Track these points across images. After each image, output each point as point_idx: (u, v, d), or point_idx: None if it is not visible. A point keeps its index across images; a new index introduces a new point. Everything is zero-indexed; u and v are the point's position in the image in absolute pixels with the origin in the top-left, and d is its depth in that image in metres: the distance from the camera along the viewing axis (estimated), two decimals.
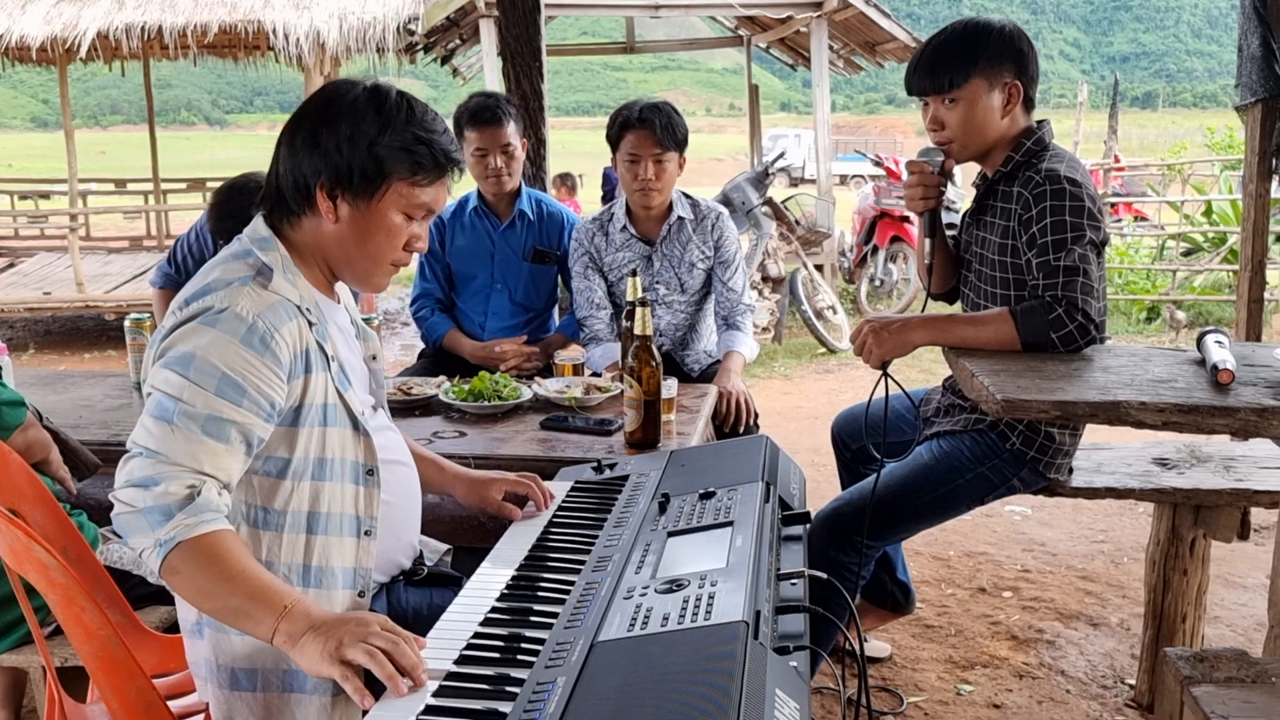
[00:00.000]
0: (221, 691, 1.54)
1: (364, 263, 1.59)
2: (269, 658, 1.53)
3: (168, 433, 1.39)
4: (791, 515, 1.69)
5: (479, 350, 3.16)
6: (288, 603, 1.35)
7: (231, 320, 1.44)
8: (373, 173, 1.52)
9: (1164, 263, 8.81)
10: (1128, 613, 3.14)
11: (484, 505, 1.87)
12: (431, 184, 1.57)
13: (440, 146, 1.56)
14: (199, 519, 1.36)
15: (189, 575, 1.36)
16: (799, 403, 5.89)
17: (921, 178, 2.27)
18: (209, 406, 1.41)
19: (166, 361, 1.43)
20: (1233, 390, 1.67)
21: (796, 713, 1.13)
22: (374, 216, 1.55)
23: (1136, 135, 29.31)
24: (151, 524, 1.36)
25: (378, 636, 1.27)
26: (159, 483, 1.36)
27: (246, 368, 1.43)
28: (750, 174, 7.08)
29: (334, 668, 1.27)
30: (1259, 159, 3.55)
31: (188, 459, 1.39)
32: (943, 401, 2.45)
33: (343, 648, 1.27)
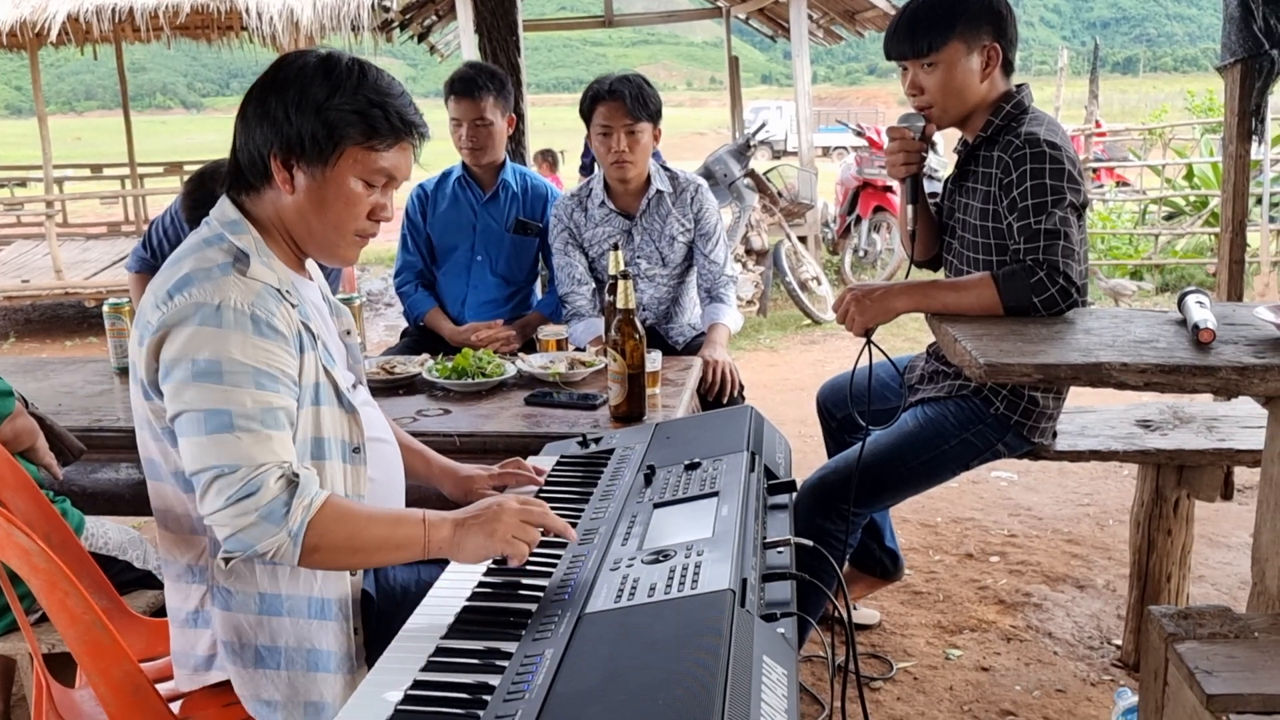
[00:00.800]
0: (246, 670, 1.54)
1: (326, 233, 1.56)
2: (290, 636, 1.54)
3: (234, 442, 1.39)
4: (777, 484, 1.69)
5: (458, 335, 3.15)
6: (420, 516, 1.46)
7: (233, 315, 1.43)
8: (323, 138, 1.49)
9: (1146, 227, 8.84)
10: (1113, 574, 3.16)
11: (470, 500, 1.83)
12: (390, 149, 1.53)
13: (395, 109, 1.52)
14: (310, 497, 1.41)
15: (331, 543, 1.42)
16: (784, 374, 5.90)
17: (903, 144, 2.26)
18: (258, 401, 1.41)
19: (192, 375, 1.41)
20: (1214, 349, 1.67)
21: (784, 679, 1.13)
22: (331, 184, 1.52)
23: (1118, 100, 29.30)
24: (275, 522, 1.38)
25: (528, 514, 1.43)
26: (259, 487, 1.38)
27: (269, 357, 1.44)
28: (732, 146, 7.05)
29: (506, 547, 1.41)
30: (1238, 120, 3.56)
31: (266, 455, 1.40)
32: (927, 368, 2.46)
33: (511, 529, 1.42)
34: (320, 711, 1.54)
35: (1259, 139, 3.61)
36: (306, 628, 1.54)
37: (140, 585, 2.09)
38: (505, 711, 1.09)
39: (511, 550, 1.41)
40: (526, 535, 1.42)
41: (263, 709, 1.54)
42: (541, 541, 1.56)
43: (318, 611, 1.54)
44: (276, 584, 1.53)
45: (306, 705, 1.54)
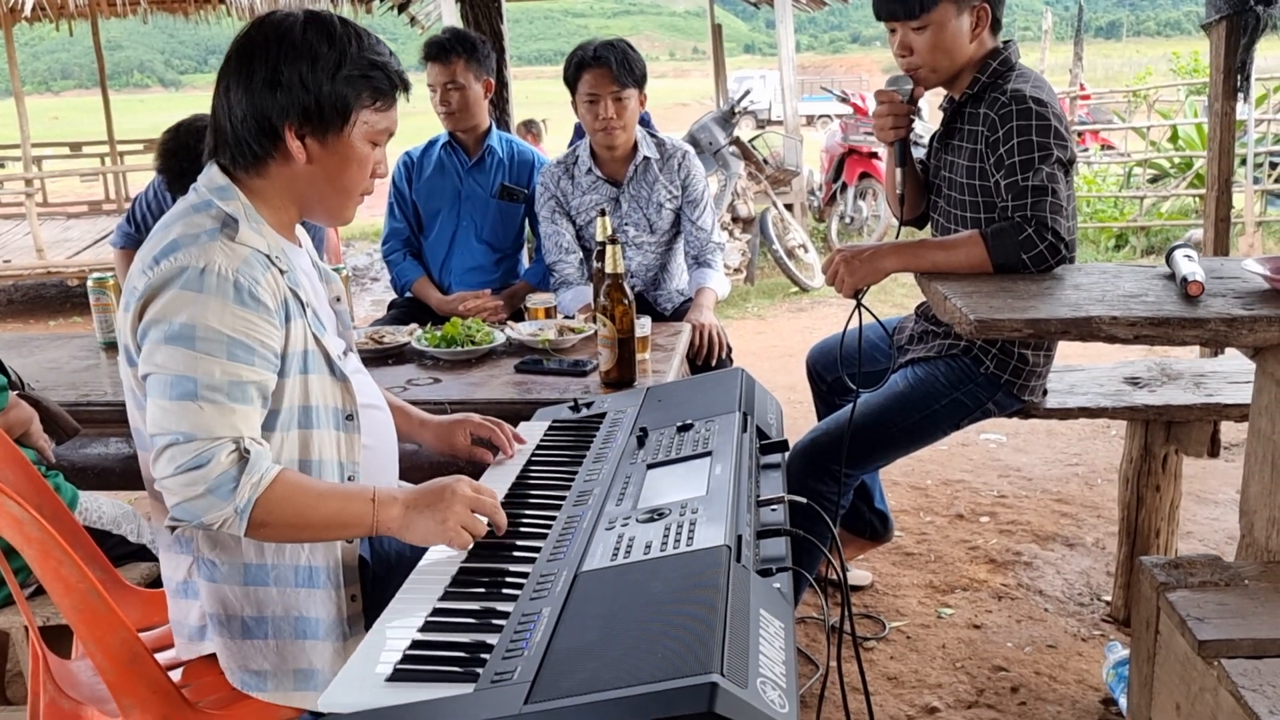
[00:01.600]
0: (234, 641, 1.55)
1: (337, 198, 1.57)
2: (277, 605, 1.54)
3: (196, 411, 1.38)
4: (769, 444, 1.70)
5: (445, 304, 3.14)
6: (370, 494, 1.46)
7: (216, 281, 1.41)
8: (341, 106, 1.49)
9: (1131, 190, 8.85)
10: (1102, 532, 3.19)
11: (453, 451, 1.86)
12: (390, 107, 1.56)
13: (394, 69, 1.55)
14: (260, 473, 1.39)
15: (278, 520, 1.42)
16: (773, 342, 5.90)
17: (891, 107, 2.25)
18: (227, 373, 1.40)
19: (165, 337, 1.40)
20: (1202, 302, 1.68)
21: (781, 631, 1.14)
22: (345, 150, 1.52)
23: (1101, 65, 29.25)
24: (223, 497, 1.37)
25: (479, 503, 1.43)
26: (209, 460, 1.37)
27: (247, 326, 1.42)
28: (717, 114, 7.01)
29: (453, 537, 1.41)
30: (1224, 77, 3.55)
31: (225, 429, 1.39)
32: (916, 329, 2.46)
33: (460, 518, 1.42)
34: (310, 678, 1.55)
35: (1244, 96, 3.61)
36: (294, 596, 1.54)
37: (135, 558, 2.09)
38: (504, 669, 1.09)
39: (458, 540, 1.41)
40: (474, 527, 1.42)
41: (251, 679, 1.54)
42: (534, 503, 1.57)
43: (305, 580, 1.54)
44: (263, 554, 1.53)
45: (295, 673, 1.55)
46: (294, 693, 1.55)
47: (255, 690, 1.54)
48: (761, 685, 0.99)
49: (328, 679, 1.51)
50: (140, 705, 1.49)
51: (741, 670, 0.99)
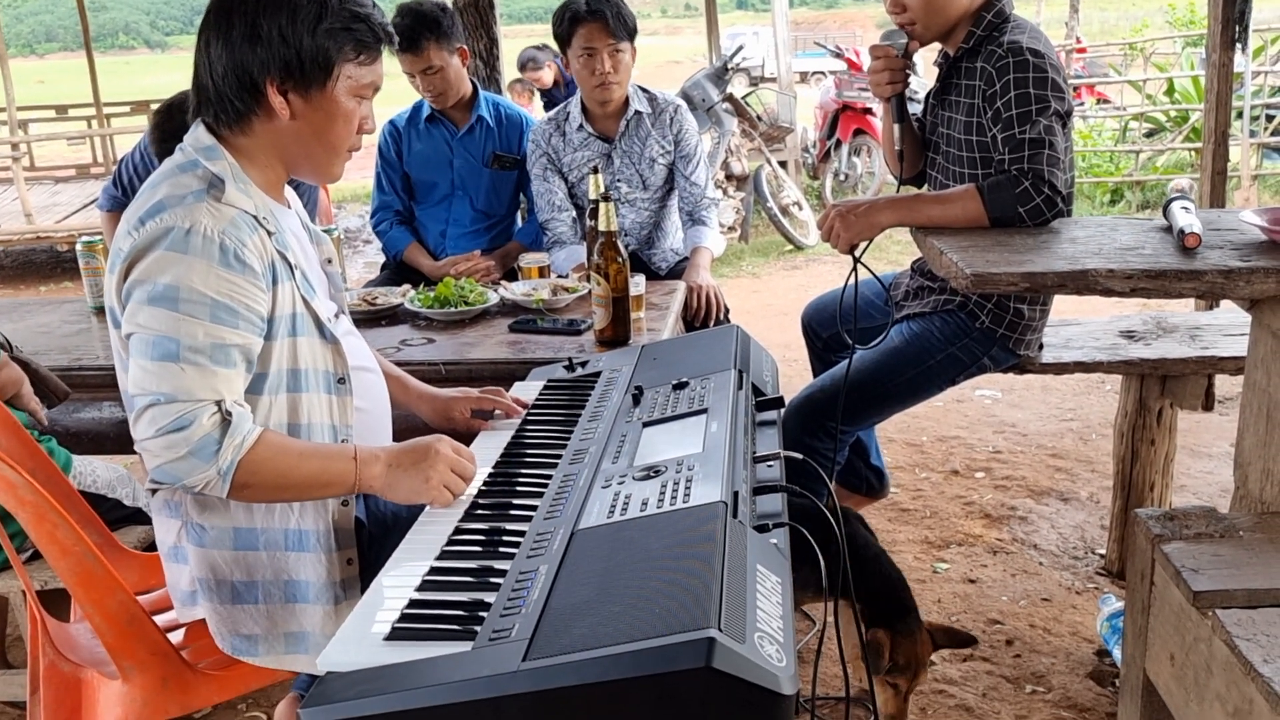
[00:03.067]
0: (223, 606, 1.55)
1: (324, 154, 1.55)
2: (267, 569, 1.54)
3: (177, 372, 1.37)
4: (765, 401, 1.69)
5: (437, 269, 3.11)
6: (352, 453, 1.47)
7: (201, 242, 1.40)
8: (323, 60, 1.47)
9: (1127, 144, 8.80)
10: (1096, 486, 3.21)
11: (450, 425, 1.83)
12: (374, 61, 1.53)
13: (376, 21, 1.52)
14: (243, 435, 1.39)
15: (260, 481, 1.42)
16: (768, 300, 5.89)
17: (887, 62, 2.22)
18: (210, 336, 1.39)
19: (149, 297, 1.39)
20: (1199, 254, 1.67)
21: (779, 586, 1.14)
22: (329, 105, 1.50)
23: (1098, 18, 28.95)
24: (205, 459, 1.37)
25: (460, 464, 1.45)
26: (191, 422, 1.36)
27: (233, 289, 1.41)
28: (709, 70, 6.93)
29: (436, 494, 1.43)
30: (1222, 27, 3.51)
31: (206, 392, 1.38)
32: (911, 285, 2.45)
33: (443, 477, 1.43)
34: (300, 641, 1.55)
35: (1243, 47, 3.57)
36: (284, 560, 1.54)
37: (131, 522, 2.09)
38: (502, 626, 1.09)
39: (440, 499, 1.43)
40: (455, 485, 1.44)
41: (242, 644, 1.55)
42: (530, 462, 1.57)
43: (295, 543, 1.54)
44: (252, 518, 1.53)
45: (286, 636, 1.55)
46: (285, 656, 1.55)
47: (245, 655, 1.55)
48: (759, 639, 1.00)
49: (319, 642, 1.53)
50: (139, 667, 1.50)
51: (739, 625, 1.00)
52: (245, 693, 1.75)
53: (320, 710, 1.03)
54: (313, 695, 1.05)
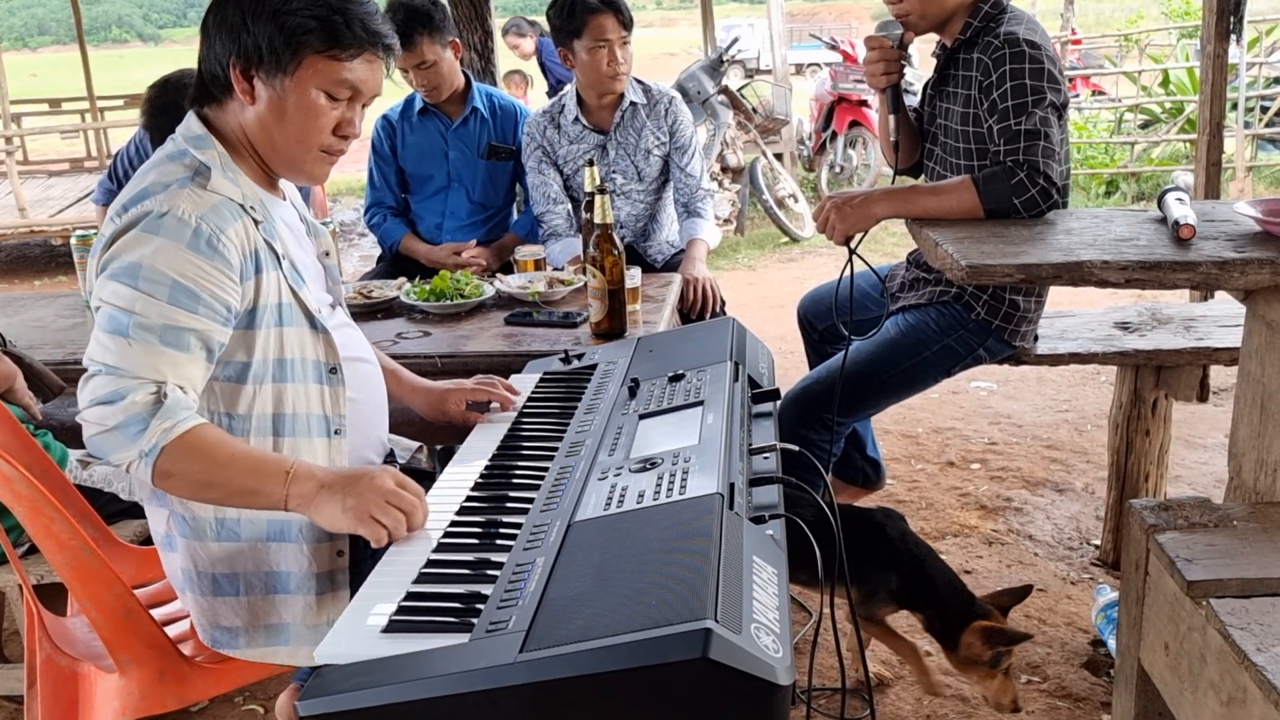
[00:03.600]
0: (204, 599, 1.55)
1: (290, 147, 1.51)
2: (249, 561, 1.53)
3: (124, 346, 1.36)
4: (761, 393, 1.70)
5: (433, 255, 3.12)
6: (288, 467, 1.38)
7: (174, 225, 1.39)
8: (280, 45, 1.44)
9: (1122, 136, 8.80)
10: (1092, 477, 3.21)
11: (445, 418, 1.82)
12: (353, 59, 1.48)
13: (356, 16, 1.47)
14: (175, 419, 1.35)
15: (184, 473, 1.36)
16: (764, 292, 5.89)
17: (882, 53, 2.22)
18: (164, 316, 1.37)
19: (113, 273, 1.39)
20: (1194, 245, 1.67)
21: (775, 577, 1.14)
22: (291, 94, 1.47)
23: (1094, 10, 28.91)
24: (130, 437, 1.33)
25: (398, 497, 1.34)
26: (125, 395, 1.34)
27: (198, 273, 1.39)
28: (705, 62, 6.92)
29: (359, 525, 1.33)
30: (1216, 18, 3.51)
31: (149, 370, 1.36)
32: (907, 276, 2.45)
33: (369, 507, 1.33)
34: (280, 633, 1.55)
35: (1237, 38, 3.57)
36: (265, 551, 1.53)
37: (127, 516, 2.09)
38: (499, 618, 1.09)
39: (369, 531, 1.33)
40: (388, 518, 1.33)
41: (223, 636, 1.55)
42: (527, 455, 1.57)
43: (278, 534, 1.53)
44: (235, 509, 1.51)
45: (267, 628, 1.55)
46: (265, 648, 1.55)
47: (226, 647, 1.55)
48: (755, 631, 1.00)
49: (300, 633, 1.53)
50: (136, 661, 1.50)
51: (735, 616, 1.00)
52: (242, 685, 1.75)
53: (317, 702, 1.03)
54: (310, 687, 1.05)
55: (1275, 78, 8.90)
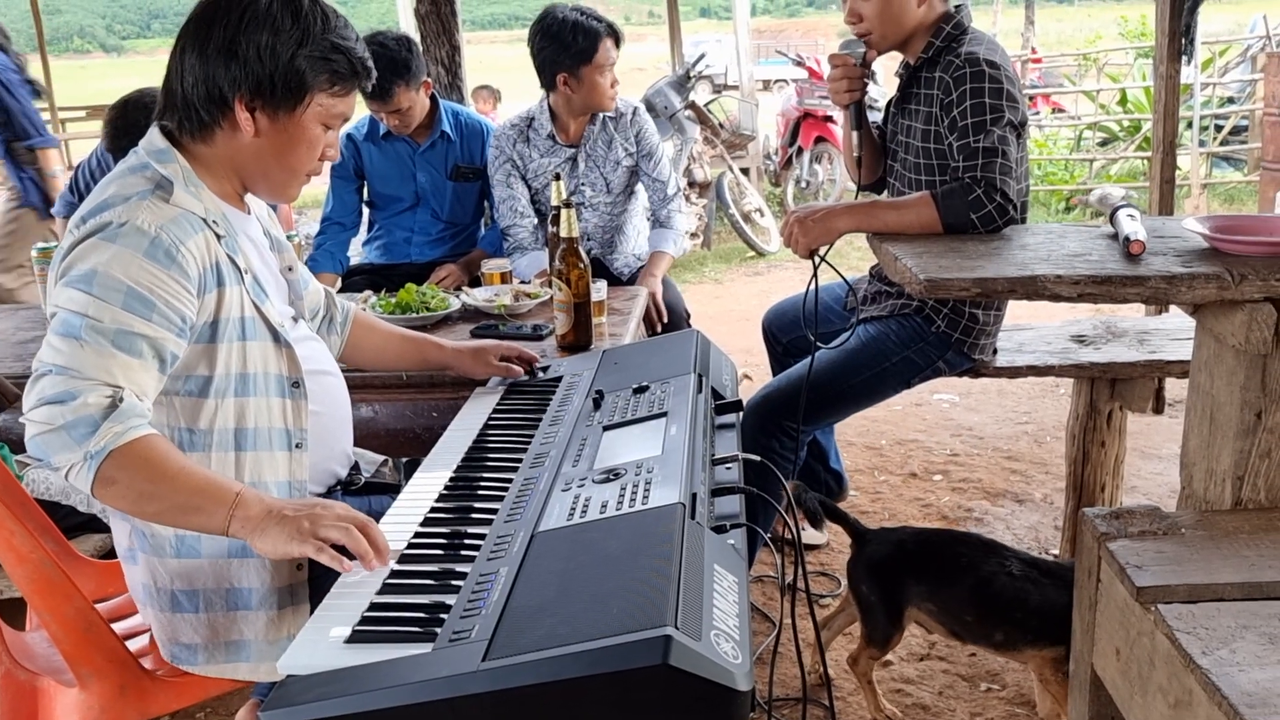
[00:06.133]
0: (164, 614, 1.54)
1: (282, 175, 1.56)
2: (209, 577, 1.52)
3: (76, 348, 1.34)
4: (724, 404, 1.72)
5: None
6: (237, 490, 1.36)
7: (133, 234, 1.39)
8: (296, 85, 1.48)
9: (1081, 153, 8.96)
10: (1050, 488, 3.27)
11: (488, 369, 1.98)
12: (348, 93, 1.54)
13: (357, 55, 1.53)
14: (127, 425, 1.33)
15: (127, 482, 1.32)
16: (730, 306, 5.93)
17: (845, 70, 2.26)
18: (117, 320, 1.36)
19: (69, 280, 1.38)
20: (1144, 260, 1.71)
21: (735, 586, 1.16)
22: (295, 129, 1.51)
23: (1054, 30, 29.43)
24: (77, 438, 1.31)
25: (348, 518, 1.32)
26: (76, 396, 1.31)
27: (153, 281, 1.39)
28: (672, 78, 6.97)
29: (306, 545, 1.30)
30: (1169, 40, 3.60)
31: (101, 373, 1.34)
32: (869, 289, 2.49)
33: (316, 526, 1.31)
34: (241, 649, 1.55)
35: (1188, 59, 3.66)
36: (226, 567, 1.53)
37: (86, 529, 2.07)
38: (462, 627, 1.10)
39: (316, 550, 1.29)
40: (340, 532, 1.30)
41: (182, 652, 1.54)
42: (492, 465, 1.58)
43: (239, 550, 1.52)
44: None
45: (227, 645, 1.55)
46: (225, 664, 1.55)
47: (186, 664, 1.54)
48: (715, 638, 1.02)
49: (261, 649, 1.53)
50: (97, 674, 1.49)
51: (695, 623, 1.02)
52: (204, 700, 1.74)
53: (281, 713, 1.03)
54: (273, 698, 1.05)
55: (1229, 97, 9.12)
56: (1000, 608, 1.99)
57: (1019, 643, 2.00)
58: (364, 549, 1.29)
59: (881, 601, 2.07)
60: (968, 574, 2.01)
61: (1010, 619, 1.98)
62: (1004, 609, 1.98)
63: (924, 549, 2.09)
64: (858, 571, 2.11)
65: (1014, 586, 1.97)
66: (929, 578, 2.05)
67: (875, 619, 2.09)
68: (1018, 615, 1.97)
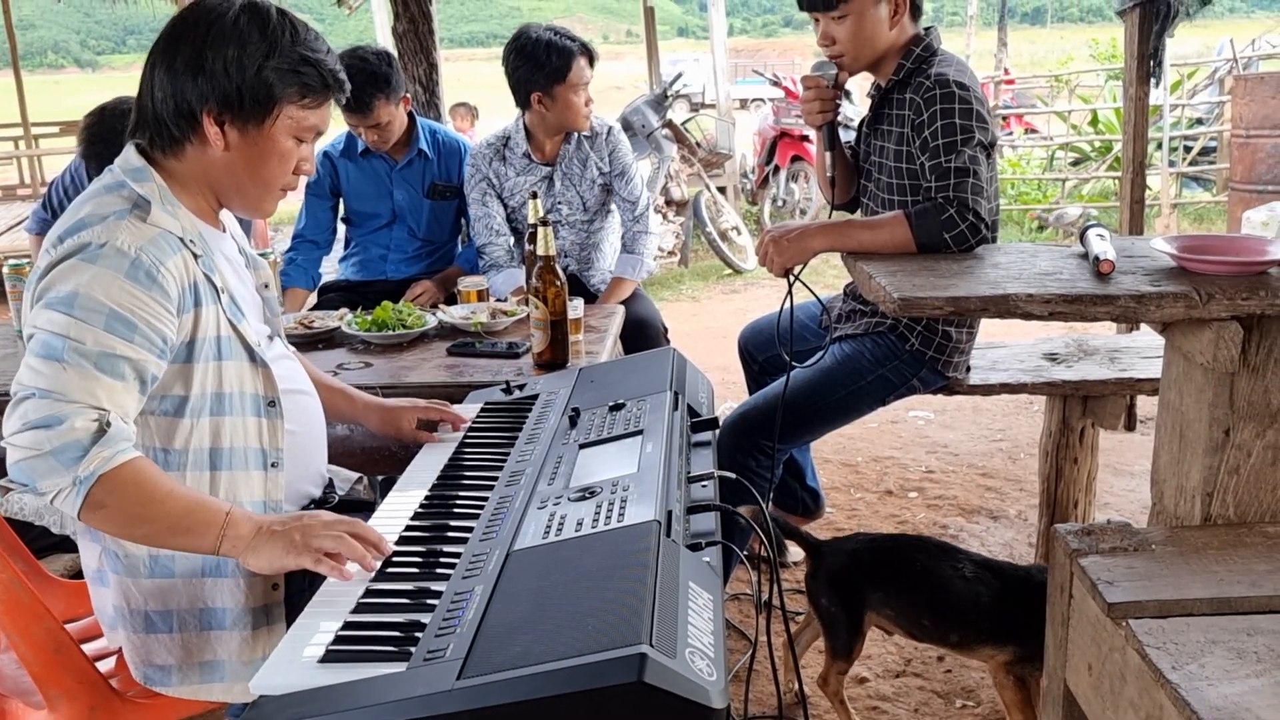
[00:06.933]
0: (136, 635, 1.52)
1: (255, 189, 1.55)
2: (182, 597, 1.51)
3: (59, 371, 1.33)
4: (700, 422, 1.73)
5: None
6: (226, 510, 1.37)
7: (113, 255, 1.38)
8: (264, 97, 1.47)
9: (1054, 173, 9.07)
10: (1025, 504, 3.29)
11: (398, 434, 1.86)
12: (319, 106, 1.54)
13: (327, 68, 1.52)
14: (115, 450, 1.33)
15: (116, 506, 1.33)
16: (707, 323, 5.95)
17: (818, 92, 2.29)
18: (99, 343, 1.35)
19: (48, 301, 1.37)
20: (1113, 279, 1.74)
21: (710, 603, 1.16)
22: (265, 142, 1.50)
23: (1026, 51, 29.82)
24: (65, 463, 1.30)
25: (337, 524, 1.34)
26: (63, 420, 1.31)
27: (134, 303, 1.38)
28: (649, 97, 7.01)
29: (303, 556, 1.32)
30: (1138, 63, 3.66)
31: (85, 395, 1.33)
32: (844, 308, 2.51)
33: (309, 537, 1.32)
34: (215, 670, 1.54)
35: (1157, 81, 3.73)
36: (200, 587, 1.52)
37: (58, 550, 2.05)
38: (437, 646, 1.10)
39: (313, 561, 1.31)
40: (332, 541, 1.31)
41: (155, 674, 1.53)
42: (468, 483, 1.58)
43: (213, 569, 1.51)
44: None
45: (201, 666, 1.54)
46: (200, 685, 1.54)
47: (159, 685, 1.53)
48: (690, 655, 1.02)
49: (235, 670, 1.51)
50: (66, 696, 1.48)
51: (670, 641, 1.02)
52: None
53: None
54: (246, 718, 1.04)
55: (1198, 119, 9.26)
56: (954, 610, 2.04)
57: (973, 643, 2.04)
58: (359, 553, 1.31)
59: (842, 611, 2.10)
60: (922, 578, 2.05)
61: (964, 621, 2.03)
62: (957, 611, 2.03)
63: (877, 556, 2.12)
64: (816, 585, 2.14)
65: (967, 589, 2.02)
66: (884, 584, 2.08)
67: (837, 630, 2.11)
68: (971, 617, 2.02)
